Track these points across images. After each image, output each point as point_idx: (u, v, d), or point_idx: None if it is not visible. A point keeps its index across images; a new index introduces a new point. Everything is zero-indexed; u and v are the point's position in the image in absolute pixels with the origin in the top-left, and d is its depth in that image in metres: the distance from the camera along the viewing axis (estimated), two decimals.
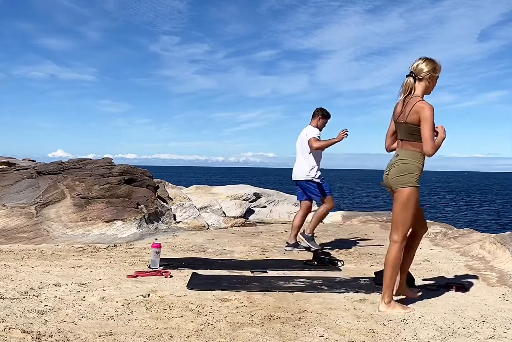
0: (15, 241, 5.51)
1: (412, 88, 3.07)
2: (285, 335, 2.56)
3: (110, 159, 8.02)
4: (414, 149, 3.04)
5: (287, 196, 9.83)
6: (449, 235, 6.32)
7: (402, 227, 3.04)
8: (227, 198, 8.95)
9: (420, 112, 2.96)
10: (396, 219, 3.06)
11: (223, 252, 5.23)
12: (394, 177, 3.04)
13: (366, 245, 5.89)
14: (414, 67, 3.09)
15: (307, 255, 5.01)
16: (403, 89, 3.10)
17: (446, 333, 2.66)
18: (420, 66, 3.07)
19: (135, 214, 6.43)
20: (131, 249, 5.27)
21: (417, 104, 2.98)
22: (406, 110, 3.03)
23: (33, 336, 2.40)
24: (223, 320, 2.78)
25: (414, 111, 2.98)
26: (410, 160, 3.03)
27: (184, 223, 7.13)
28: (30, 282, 3.51)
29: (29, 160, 9.89)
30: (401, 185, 3.01)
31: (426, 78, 3.07)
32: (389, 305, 3.02)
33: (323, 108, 5.57)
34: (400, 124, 3.10)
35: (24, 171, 7.38)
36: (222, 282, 3.71)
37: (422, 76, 3.07)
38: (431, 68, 3.06)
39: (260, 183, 30.95)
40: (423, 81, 3.08)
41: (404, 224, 3.03)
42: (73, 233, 5.92)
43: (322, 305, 3.15)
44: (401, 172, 3.02)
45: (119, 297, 3.19)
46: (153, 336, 2.49)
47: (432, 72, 3.07)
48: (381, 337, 2.57)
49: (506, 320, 2.92)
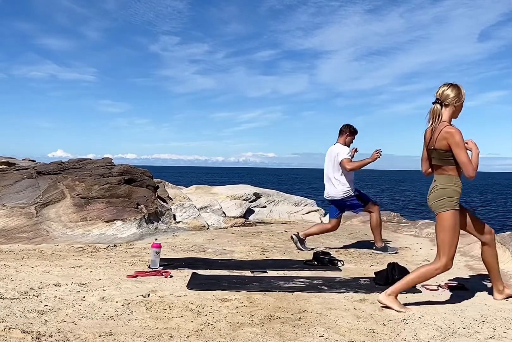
0: (15, 241, 5.51)
1: (440, 115, 3.14)
2: (285, 335, 2.56)
3: (110, 159, 8.02)
4: (448, 173, 3.13)
5: (287, 196, 9.83)
6: None
7: (447, 247, 3.09)
8: (227, 198, 8.94)
9: (448, 138, 3.04)
10: (439, 241, 3.14)
11: (223, 252, 5.23)
12: (433, 202, 3.14)
13: (366, 245, 5.89)
14: (439, 93, 3.17)
15: (307, 255, 5.01)
16: (431, 116, 3.18)
17: (446, 333, 2.66)
18: (446, 93, 3.14)
19: (135, 214, 6.43)
20: (131, 249, 5.27)
21: (444, 130, 3.06)
22: (434, 137, 3.12)
23: (33, 336, 2.40)
24: (223, 320, 2.78)
25: (442, 137, 3.06)
26: (446, 184, 3.12)
27: (184, 223, 7.13)
28: (30, 282, 3.51)
29: (29, 160, 9.89)
30: (439, 209, 3.10)
31: (452, 104, 3.15)
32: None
33: (349, 124, 5.52)
34: (432, 151, 3.18)
35: (24, 170, 7.38)
36: (222, 282, 3.71)
37: (448, 102, 3.15)
38: (457, 94, 3.14)
39: (260, 183, 30.94)
40: (449, 107, 3.15)
41: (448, 245, 3.09)
42: (73, 233, 5.92)
43: (322, 305, 3.15)
44: (439, 197, 3.11)
45: (119, 297, 3.19)
46: (153, 336, 2.49)
47: (458, 98, 3.15)
48: (381, 337, 2.57)
49: (506, 320, 2.92)
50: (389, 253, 5.28)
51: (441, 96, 3.16)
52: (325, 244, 5.93)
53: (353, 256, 5.16)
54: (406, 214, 16.88)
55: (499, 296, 3.37)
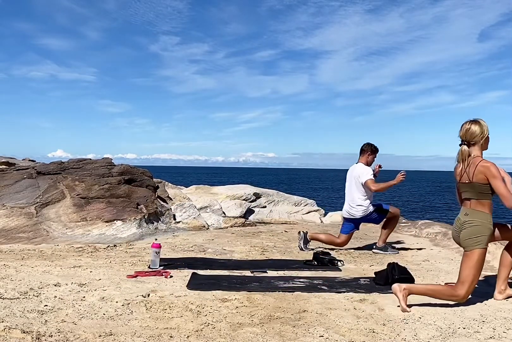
0: (15, 241, 5.51)
1: (469, 154, 3.19)
2: (285, 335, 2.56)
3: (110, 159, 8.02)
4: (484, 211, 3.16)
5: (287, 196, 9.83)
6: (449, 235, 6.31)
7: (469, 282, 3.13)
8: (227, 198, 8.94)
9: (485, 172, 3.08)
10: (463, 275, 3.16)
11: (223, 252, 5.23)
12: (466, 238, 3.16)
13: (366, 245, 5.89)
14: (463, 134, 3.20)
15: (307, 255, 5.01)
16: (461, 158, 3.22)
17: (446, 333, 2.66)
18: (470, 132, 3.17)
19: (135, 214, 6.43)
20: (131, 249, 5.27)
21: (480, 164, 3.11)
22: (470, 171, 3.15)
23: (33, 336, 2.40)
24: (223, 320, 2.78)
25: (478, 171, 3.10)
26: (482, 222, 3.14)
27: (184, 223, 7.13)
28: (30, 282, 3.51)
29: (29, 160, 9.90)
30: (474, 247, 3.13)
31: (478, 141, 3.18)
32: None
33: (370, 143, 5.51)
34: (466, 184, 3.20)
35: (24, 171, 7.38)
36: (222, 282, 3.71)
37: (474, 141, 3.18)
38: (480, 131, 3.17)
39: (260, 183, 30.95)
40: (477, 144, 3.19)
41: (471, 280, 3.13)
42: (73, 233, 5.92)
43: (322, 305, 3.15)
44: (474, 234, 3.14)
45: (119, 297, 3.19)
46: (153, 336, 2.49)
47: (482, 135, 3.18)
48: (381, 337, 2.57)
49: (506, 320, 2.92)
50: (388, 253, 5.29)
51: (466, 137, 3.19)
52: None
53: (353, 256, 5.16)
54: (406, 214, 16.88)
55: (500, 296, 3.38)
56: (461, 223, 3.21)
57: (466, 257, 3.17)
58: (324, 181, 76.24)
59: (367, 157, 5.46)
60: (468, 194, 3.22)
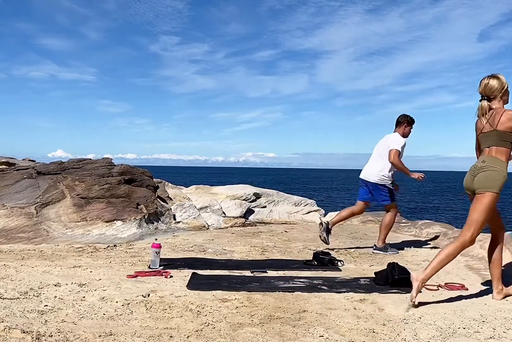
0: (15, 241, 5.51)
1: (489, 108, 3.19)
2: (285, 335, 2.56)
3: (110, 159, 8.02)
4: (501, 159, 3.16)
5: (287, 196, 9.82)
6: (449, 235, 6.31)
7: (476, 226, 3.15)
8: (227, 198, 8.93)
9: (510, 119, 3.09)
10: (472, 218, 3.16)
11: (223, 252, 5.23)
12: (482, 180, 3.16)
13: (366, 245, 5.89)
14: (482, 89, 3.20)
15: (307, 255, 5.01)
16: (481, 112, 3.22)
17: (446, 333, 2.66)
18: (489, 87, 3.17)
19: (135, 214, 6.43)
20: (131, 249, 5.27)
21: (507, 112, 3.11)
22: (494, 120, 3.14)
23: (33, 336, 2.40)
24: (223, 320, 2.78)
25: (506, 119, 3.10)
26: (498, 168, 3.14)
27: (184, 223, 7.13)
28: (30, 282, 3.51)
29: (29, 160, 9.89)
30: (489, 189, 3.13)
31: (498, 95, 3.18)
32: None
33: (407, 114, 5.45)
34: (488, 133, 3.20)
35: (24, 171, 7.38)
36: (222, 282, 3.71)
37: (494, 95, 3.18)
38: (499, 85, 3.17)
39: (260, 183, 30.95)
40: (496, 98, 3.18)
41: (479, 224, 3.15)
42: (73, 233, 5.92)
43: (322, 305, 3.15)
44: (490, 178, 3.14)
45: (119, 297, 3.19)
46: (153, 336, 2.49)
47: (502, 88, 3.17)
48: (381, 337, 2.57)
49: (506, 320, 2.92)
50: (388, 254, 5.28)
51: (485, 92, 3.18)
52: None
53: (353, 256, 5.16)
54: (406, 214, 16.88)
55: (498, 296, 3.37)
56: (478, 168, 3.21)
57: (476, 200, 3.16)
58: (324, 180, 76.24)
59: (404, 129, 5.42)
60: (488, 143, 3.22)
